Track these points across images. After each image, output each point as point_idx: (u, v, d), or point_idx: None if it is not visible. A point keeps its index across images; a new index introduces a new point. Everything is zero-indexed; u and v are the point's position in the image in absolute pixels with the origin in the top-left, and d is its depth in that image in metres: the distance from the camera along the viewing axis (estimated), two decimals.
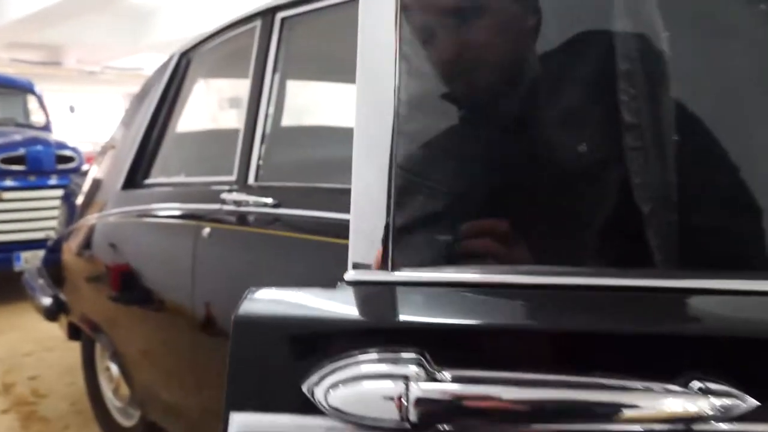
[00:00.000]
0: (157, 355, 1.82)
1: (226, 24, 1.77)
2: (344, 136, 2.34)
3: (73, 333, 2.42)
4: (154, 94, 2.02)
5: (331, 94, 2.18)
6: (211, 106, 2.44)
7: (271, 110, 1.55)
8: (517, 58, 0.61)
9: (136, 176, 2.00)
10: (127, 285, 1.91)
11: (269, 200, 1.40)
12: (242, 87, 1.64)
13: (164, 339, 1.75)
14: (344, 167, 2.04)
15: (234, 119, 2.07)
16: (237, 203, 1.49)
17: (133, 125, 2.12)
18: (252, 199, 1.45)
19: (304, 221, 1.35)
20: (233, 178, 1.55)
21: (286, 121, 1.68)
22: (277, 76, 1.55)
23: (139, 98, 2.19)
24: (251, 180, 1.51)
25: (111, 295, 2.01)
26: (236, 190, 1.51)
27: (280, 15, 1.56)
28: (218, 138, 2.03)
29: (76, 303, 2.33)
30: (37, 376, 2.99)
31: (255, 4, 1.65)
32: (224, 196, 1.52)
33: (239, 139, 1.57)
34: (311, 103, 2.09)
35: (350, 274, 0.56)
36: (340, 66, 1.93)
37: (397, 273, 0.53)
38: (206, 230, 1.52)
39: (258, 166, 1.52)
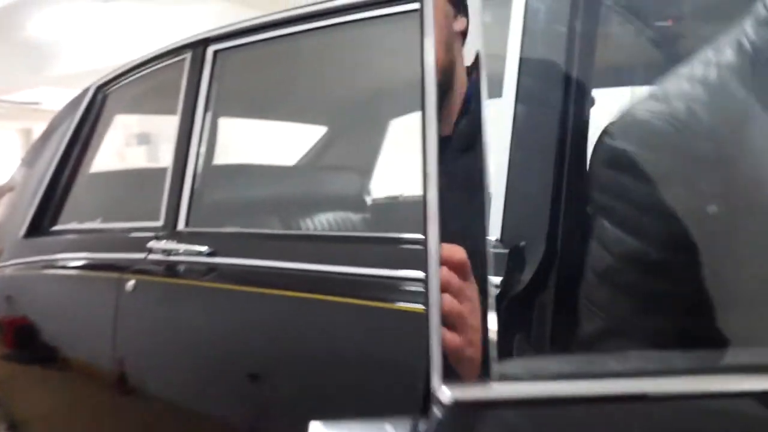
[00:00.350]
0: (67, 425, 1.60)
1: (149, 56, 1.63)
2: (284, 174, 2.23)
3: None
4: (64, 131, 1.83)
5: (268, 131, 2.07)
6: (132, 143, 2.26)
7: (203, 148, 1.43)
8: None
9: (41, 222, 1.79)
10: (31, 346, 1.68)
11: (203, 248, 1.27)
12: (168, 123, 1.51)
13: (77, 406, 1.54)
14: (287, 208, 1.92)
15: (159, 158, 1.91)
16: (166, 252, 1.34)
17: (38, 165, 1.91)
18: (183, 247, 1.31)
19: (244, 271, 1.23)
20: (160, 223, 1.41)
21: (220, 159, 1.55)
22: (209, 112, 1.43)
23: (46, 136, 1.98)
24: (181, 225, 1.37)
25: (9, 358, 1.76)
26: (165, 237, 1.37)
27: (212, 48, 1.45)
28: (141, 179, 1.86)
29: None
30: None
31: (156, 41, 1.54)
32: (151, 244, 1.37)
33: (167, 179, 1.43)
34: (247, 140, 1.97)
35: (446, 393, 0.39)
36: (276, 102, 1.83)
37: (528, 386, 0.38)
38: (130, 283, 1.35)
39: (189, 210, 1.38)
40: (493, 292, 0.46)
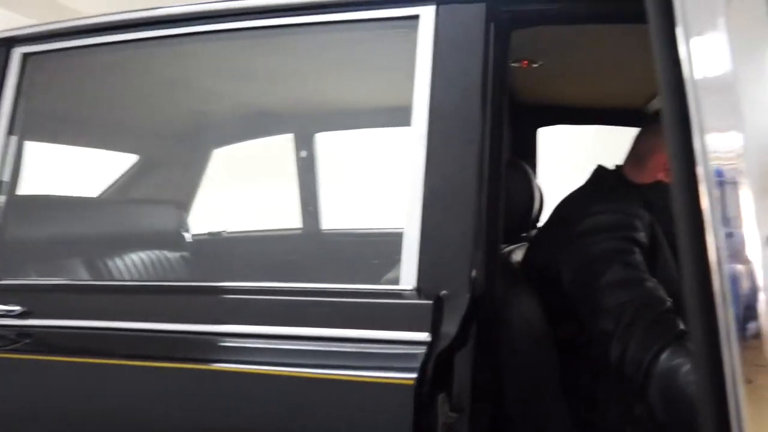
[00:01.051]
0: None
1: None
2: (101, 208, 1.87)
3: None
4: None
5: (90, 153, 1.72)
6: None
7: (5, 177, 1.12)
8: None
9: None
10: None
11: (13, 308, 0.98)
12: None
13: None
14: (102, 248, 1.59)
15: None
16: None
17: None
18: None
19: (70, 336, 0.96)
20: None
21: (28, 189, 1.23)
22: (14, 130, 1.13)
23: None
24: None
25: None
26: None
27: (19, 50, 1.15)
28: None
29: None
30: None
31: None
32: None
33: None
34: (63, 165, 1.60)
35: None
36: (101, 119, 1.53)
37: None
38: None
39: None
40: None
